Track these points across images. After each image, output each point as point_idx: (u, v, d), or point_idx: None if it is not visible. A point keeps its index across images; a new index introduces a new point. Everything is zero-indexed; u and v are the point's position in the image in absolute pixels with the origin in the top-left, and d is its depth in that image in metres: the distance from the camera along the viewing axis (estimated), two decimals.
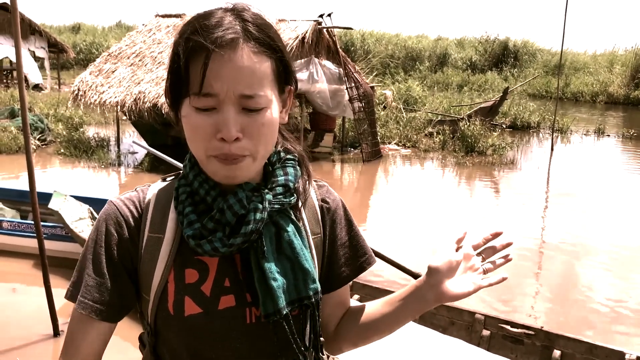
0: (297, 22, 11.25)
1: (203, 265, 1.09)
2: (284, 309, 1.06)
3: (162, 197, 1.14)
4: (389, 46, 32.48)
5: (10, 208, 6.51)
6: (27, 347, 4.17)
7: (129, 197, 1.14)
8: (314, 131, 12.58)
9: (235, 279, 1.10)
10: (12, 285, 5.29)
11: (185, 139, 1.09)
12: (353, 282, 4.32)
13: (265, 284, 1.05)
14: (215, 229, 1.05)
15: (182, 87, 1.00)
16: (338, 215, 1.24)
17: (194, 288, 1.08)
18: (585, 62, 31.10)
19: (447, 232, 7.32)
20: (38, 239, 4.13)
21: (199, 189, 1.08)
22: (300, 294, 1.09)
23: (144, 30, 12.35)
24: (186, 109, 1.01)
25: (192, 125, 1.01)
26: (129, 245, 1.10)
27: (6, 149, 11.19)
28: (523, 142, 15.20)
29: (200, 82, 0.97)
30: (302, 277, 1.09)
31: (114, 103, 10.66)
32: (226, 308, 1.08)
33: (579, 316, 5.09)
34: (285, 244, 1.09)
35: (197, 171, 1.09)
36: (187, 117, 1.01)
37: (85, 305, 1.07)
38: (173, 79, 1.02)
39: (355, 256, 1.25)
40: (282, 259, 1.09)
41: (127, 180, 9.94)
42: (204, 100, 0.99)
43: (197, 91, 0.98)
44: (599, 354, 3.36)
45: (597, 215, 8.36)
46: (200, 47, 0.97)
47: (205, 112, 1.00)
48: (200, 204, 1.08)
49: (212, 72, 0.97)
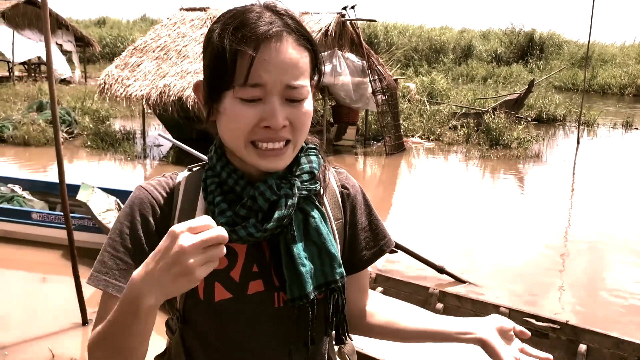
0: (321, 14, 11.23)
1: (232, 251, 1.12)
2: (312, 294, 1.10)
3: (191, 185, 1.16)
4: (413, 38, 32.24)
5: (39, 200, 6.64)
6: (57, 336, 4.26)
7: (159, 182, 1.17)
8: (337, 124, 12.56)
9: (263, 265, 1.14)
10: (42, 275, 5.40)
11: (214, 134, 1.13)
12: (377, 275, 4.35)
13: (293, 269, 1.09)
14: (247, 216, 1.08)
15: (225, 79, 1.03)
16: (358, 201, 1.28)
17: (224, 274, 1.11)
18: (613, 53, 30.51)
19: (471, 226, 7.28)
20: (67, 230, 4.20)
21: (228, 179, 1.11)
22: (327, 278, 1.13)
23: (168, 23, 12.45)
24: (229, 101, 1.04)
25: (236, 115, 1.04)
26: (158, 229, 1.11)
27: (35, 142, 11.38)
28: (549, 135, 15.02)
29: (247, 72, 1.00)
30: (329, 262, 1.13)
31: (140, 96, 10.77)
32: (255, 293, 1.12)
33: (606, 311, 5.03)
34: (312, 230, 1.12)
35: (225, 162, 1.13)
36: (230, 108, 1.04)
37: (107, 282, 1.07)
38: (215, 72, 1.04)
39: (375, 239, 1.29)
40: (309, 245, 1.12)
41: (152, 172, 10.05)
42: (250, 91, 1.02)
43: (243, 82, 1.01)
44: (626, 349, 3.33)
45: (624, 210, 8.23)
46: (249, 39, 1.00)
47: (251, 103, 1.03)
48: (229, 194, 1.11)
49: (261, 63, 1.00)
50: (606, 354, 3.39)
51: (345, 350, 1.34)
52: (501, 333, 1.20)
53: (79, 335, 4.31)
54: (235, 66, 1.01)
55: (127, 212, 1.12)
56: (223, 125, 1.07)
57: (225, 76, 1.03)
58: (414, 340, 1.29)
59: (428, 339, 1.27)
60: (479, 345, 1.21)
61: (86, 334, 4.32)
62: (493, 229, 7.26)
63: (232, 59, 1.01)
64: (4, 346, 4.07)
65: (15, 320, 4.47)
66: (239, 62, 1.01)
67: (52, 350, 3.99)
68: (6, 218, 6.04)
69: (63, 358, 3.96)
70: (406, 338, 1.30)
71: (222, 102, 1.05)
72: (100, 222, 5.19)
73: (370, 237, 1.28)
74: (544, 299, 5.19)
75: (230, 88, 1.03)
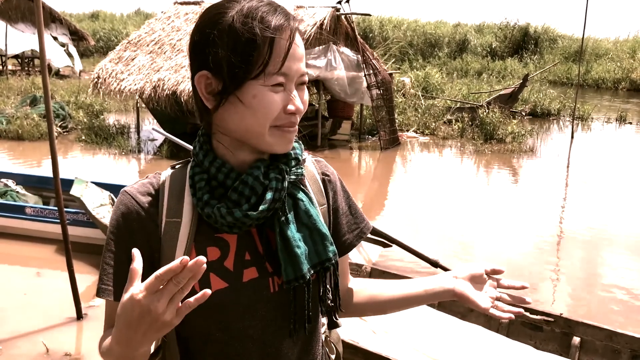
0: (315, 8, 11.22)
1: (223, 242, 1.14)
2: (307, 274, 1.13)
3: (176, 182, 1.17)
4: (408, 32, 32.20)
5: (32, 194, 6.62)
6: (51, 330, 4.25)
7: (143, 184, 1.17)
8: (331, 118, 12.56)
9: (255, 252, 1.16)
10: (36, 270, 5.38)
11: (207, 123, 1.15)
12: (372, 269, 4.36)
13: (288, 251, 1.12)
14: (238, 201, 1.10)
15: (254, 67, 1.05)
16: (338, 187, 1.32)
17: (218, 264, 1.12)
18: (607, 48, 30.57)
19: (466, 220, 7.30)
20: (62, 225, 4.19)
21: (217, 173, 1.12)
22: (321, 257, 1.17)
23: (162, 17, 12.39)
24: (256, 88, 1.06)
25: (267, 101, 1.07)
26: (147, 233, 1.13)
27: (28, 136, 11.33)
28: (543, 129, 15.06)
29: (282, 60, 1.05)
30: (321, 241, 1.17)
31: (134, 90, 10.73)
32: (250, 280, 1.14)
33: (600, 305, 5.06)
34: (302, 212, 1.16)
35: (212, 157, 1.14)
36: (260, 96, 1.07)
37: (105, 290, 1.12)
38: (242, 59, 1.05)
39: (356, 222, 1.34)
40: (300, 228, 1.16)
41: (146, 166, 10.04)
42: (277, 79, 1.06)
43: (278, 69, 1.05)
44: (619, 341, 3.35)
45: (617, 203, 8.28)
46: (280, 28, 1.05)
47: (277, 88, 1.07)
48: (218, 189, 1.13)
49: (285, 52, 1.06)
50: (599, 346, 3.41)
51: (332, 339, 1.37)
52: (473, 279, 1.28)
53: (74, 329, 4.31)
54: (271, 53, 1.04)
55: (113, 223, 1.14)
56: (244, 113, 1.08)
57: (255, 64, 1.04)
58: (396, 309, 1.37)
59: (409, 304, 1.35)
60: (454, 298, 1.28)
61: (81, 328, 4.32)
62: (487, 223, 7.28)
63: (269, 46, 1.04)
64: None
65: (9, 315, 4.46)
66: (261, 50, 1.04)
67: (47, 344, 3.99)
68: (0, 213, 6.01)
69: (57, 352, 3.96)
70: (389, 308, 1.38)
71: (246, 91, 1.06)
72: (94, 216, 5.18)
73: (352, 221, 1.33)
74: (538, 293, 5.22)
75: (253, 77, 1.05)
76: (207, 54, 1.07)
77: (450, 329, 3.41)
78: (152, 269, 1.12)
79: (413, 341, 3.26)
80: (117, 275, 1.12)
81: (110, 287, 1.12)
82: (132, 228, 1.13)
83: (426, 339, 3.28)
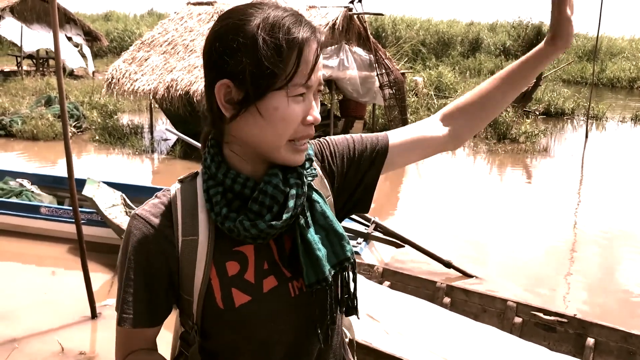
0: (328, 8, 11.20)
1: (241, 255, 1.12)
2: (329, 276, 1.12)
3: (187, 198, 1.14)
4: (420, 32, 32.07)
5: (47, 194, 6.68)
6: (66, 329, 4.29)
7: (154, 205, 1.15)
8: (344, 118, 12.55)
9: (271, 260, 1.15)
10: (51, 269, 5.43)
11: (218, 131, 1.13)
12: (384, 269, 4.36)
13: (310, 254, 1.11)
14: (260, 212, 1.08)
15: (280, 77, 1.03)
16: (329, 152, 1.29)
17: (238, 278, 1.11)
18: (622, 47, 30.29)
19: (479, 221, 7.27)
20: (76, 225, 4.22)
21: (233, 184, 1.10)
22: (339, 257, 1.15)
23: (175, 18, 12.44)
24: (277, 100, 1.04)
25: (290, 112, 1.05)
26: (164, 255, 1.12)
27: (43, 136, 11.42)
28: (557, 129, 14.94)
29: (310, 71, 1.04)
30: (338, 242, 1.15)
31: (147, 91, 10.78)
32: (271, 289, 1.13)
33: (616, 306, 5.02)
34: (319, 214, 1.15)
35: (226, 169, 1.11)
36: (284, 107, 1.05)
37: (126, 319, 1.11)
38: (267, 69, 1.02)
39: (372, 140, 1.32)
40: (317, 229, 1.15)
41: (159, 166, 10.08)
42: (300, 90, 1.05)
43: (305, 81, 1.04)
44: (635, 342, 3.32)
45: (633, 204, 8.20)
46: (306, 41, 1.04)
47: (296, 99, 1.06)
48: (235, 201, 1.10)
49: (310, 63, 1.05)
50: (614, 348, 3.39)
51: (343, 324, 1.36)
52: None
53: (88, 328, 4.34)
54: (298, 65, 1.03)
55: (129, 249, 1.12)
56: (263, 124, 1.06)
57: (281, 75, 1.02)
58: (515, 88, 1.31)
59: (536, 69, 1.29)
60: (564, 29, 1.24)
61: (95, 327, 4.35)
62: (501, 223, 7.24)
63: (297, 58, 1.03)
64: (14, 339, 4.10)
65: (24, 314, 4.50)
66: (287, 61, 1.02)
67: (62, 343, 4.02)
68: (15, 212, 6.07)
69: (72, 351, 3.99)
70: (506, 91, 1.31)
71: (267, 102, 1.04)
72: (106, 217, 5.21)
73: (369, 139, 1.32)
74: (553, 293, 5.18)
75: (277, 88, 1.03)
76: (227, 61, 1.03)
77: (463, 330, 3.40)
78: (171, 291, 1.14)
79: (426, 342, 3.25)
80: (136, 303, 1.11)
81: (131, 316, 1.11)
82: (148, 252, 1.11)
83: (439, 339, 3.28)
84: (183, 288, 1.13)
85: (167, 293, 1.14)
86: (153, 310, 1.13)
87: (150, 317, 1.13)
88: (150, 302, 1.12)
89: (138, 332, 1.14)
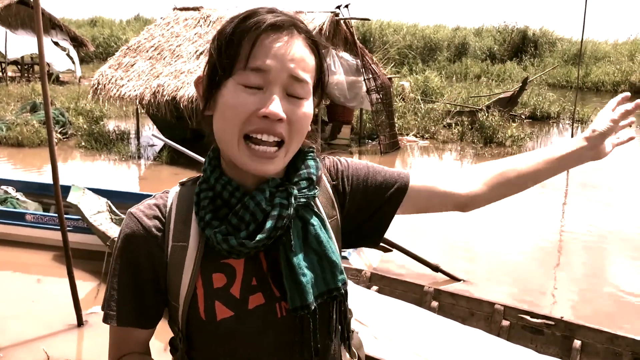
0: (314, 13, 11.23)
1: (230, 268, 1.09)
2: (313, 304, 1.07)
3: (183, 204, 1.13)
4: (407, 37, 32.23)
5: (32, 201, 6.61)
6: (52, 337, 4.24)
7: (149, 206, 1.13)
8: (331, 123, 12.57)
9: (261, 277, 1.11)
10: (37, 277, 5.38)
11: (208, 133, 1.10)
12: (372, 274, 4.35)
13: (294, 279, 1.06)
14: (238, 227, 1.04)
15: (227, 64, 1.00)
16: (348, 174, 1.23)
17: (223, 292, 1.08)
18: (606, 51, 30.59)
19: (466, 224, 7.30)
20: (62, 232, 4.19)
21: (223, 191, 1.07)
22: (328, 286, 1.10)
23: (162, 23, 12.41)
24: (229, 87, 1.01)
25: (233, 102, 1.00)
26: (152, 258, 1.10)
27: (28, 143, 11.33)
28: (543, 132, 15.06)
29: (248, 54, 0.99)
30: (330, 269, 1.10)
31: (133, 96, 10.74)
32: (256, 307, 1.09)
33: (603, 308, 5.05)
34: (312, 237, 1.09)
35: (219, 173, 1.09)
36: (229, 95, 1.01)
37: (111, 317, 1.10)
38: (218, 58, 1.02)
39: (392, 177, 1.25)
40: (309, 253, 1.09)
41: (146, 172, 10.03)
42: (252, 77, 0.99)
43: (244, 65, 0.99)
44: (620, 344, 3.34)
45: (620, 206, 8.27)
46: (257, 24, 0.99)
47: (251, 90, 1.00)
48: (222, 209, 1.07)
49: (267, 48, 0.99)
50: (600, 349, 3.41)
51: (353, 344, 1.29)
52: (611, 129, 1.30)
53: (74, 336, 4.30)
54: (240, 49, 0.99)
55: (119, 246, 1.11)
56: (219, 116, 1.04)
57: (227, 61, 1.00)
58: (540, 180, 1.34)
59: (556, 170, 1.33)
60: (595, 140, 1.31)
61: (81, 335, 4.31)
62: (488, 227, 7.27)
63: (238, 42, 1.00)
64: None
65: (10, 322, 4.45)
66: (244, 45, 0.99)
67: (47, 351, 3.98)
68: (0, 220, 6.01)
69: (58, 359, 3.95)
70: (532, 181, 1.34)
71: (221, 91, 1.02)
72: (91, 224, 5.16)
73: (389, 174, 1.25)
74: (540, 296, 5.21)
75: (231, 75, 1.00)
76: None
77: (451, 334, 3.40)
78: (159, 294, 1.12)
79: (414, 346, 3.25)
80: (121, 301, 1.10)
81: (115, 313, 1.10)
82: (137, 252, 1.10)
83: (427, 343, 3.28)
84: (170, 293, 1.11)
85: (155, 296, 1.12)
86: (139, 310, 1.11)
87: (137, 316, 1.11)
88: (136, 301, 1.10)
89: (129, 334, 1.13)
